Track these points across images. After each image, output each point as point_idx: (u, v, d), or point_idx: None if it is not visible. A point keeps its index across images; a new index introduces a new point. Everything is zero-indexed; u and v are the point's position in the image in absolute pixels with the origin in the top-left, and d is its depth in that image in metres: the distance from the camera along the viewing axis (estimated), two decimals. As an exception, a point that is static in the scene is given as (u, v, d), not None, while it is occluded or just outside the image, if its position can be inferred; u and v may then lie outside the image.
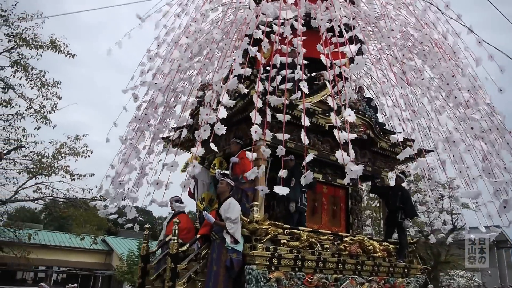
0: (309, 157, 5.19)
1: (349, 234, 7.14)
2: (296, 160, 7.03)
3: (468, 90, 5.77)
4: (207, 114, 5.45)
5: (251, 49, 5.88)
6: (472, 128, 5.56)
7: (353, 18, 6.43)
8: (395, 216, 7.89)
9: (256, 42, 6.16)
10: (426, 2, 6.97)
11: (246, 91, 5.88)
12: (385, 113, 10.21)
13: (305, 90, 5.59)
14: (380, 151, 8.27)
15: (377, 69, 9.19)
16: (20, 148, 14.58)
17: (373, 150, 8.18)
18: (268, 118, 5.53)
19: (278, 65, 5.77)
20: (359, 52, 8.67)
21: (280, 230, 6.22)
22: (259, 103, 5.44)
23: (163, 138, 7.76)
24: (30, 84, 13.14)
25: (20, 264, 18.31)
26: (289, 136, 6.41)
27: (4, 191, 15.68)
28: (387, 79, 8.11)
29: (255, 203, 6.11)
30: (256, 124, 5.24)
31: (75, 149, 16.05)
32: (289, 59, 5.95)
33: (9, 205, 16.78)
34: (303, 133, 5.31)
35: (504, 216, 4.97)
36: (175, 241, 5.79)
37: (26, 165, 15.30)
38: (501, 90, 6.74)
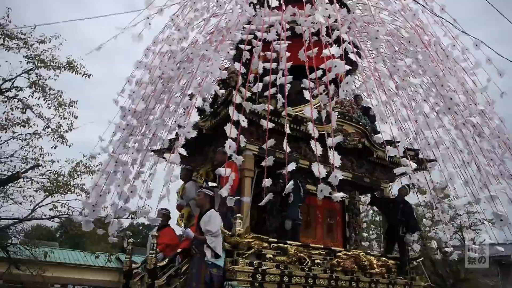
0: (290, 166, 4.93)
1: (342, 249, 6.74)
2: (293, 173, 6.77)
3: (460, 94, 5.41)
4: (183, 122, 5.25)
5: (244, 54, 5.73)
6: (471, 131, 5.18)
7: (341, 24, 6.18)
8: (396, 230, 7.46)
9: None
10: (420, 5, 6.70)
11: (222, 91, 5.68)
12: (386, 122, 9.89)
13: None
14: (378, 161, 7.89)
15: (374, 77, 8.90)
16: (37, 166, 14.76)
17: (371, 160, 7.81)
18: (244, 124, 5.29)
19: (260, 71, 5.57)
20: (354, 64, 8.53)
21: (266, 244, 5.90)
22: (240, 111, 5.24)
23: (153, 151, 7.62)
24: (48, 104, 13.40)
25: (36, 282, 18.33)
26: (273, 143, 6.19)
27: (21, 209, 15.84)
28: (381, 86, 7.79)
29: (238, 215, 5.81)
30: (231, 138, 4.98)
31: (90, 167, 16.16)
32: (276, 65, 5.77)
33: (26, 223, 16.94)
34: (285, 141, 5.06)
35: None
36: (153, 255, 5.55)
37: (43, 184, 15.46)
38: (503, 93, 6.37)
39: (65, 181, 15.97)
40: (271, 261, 5.86)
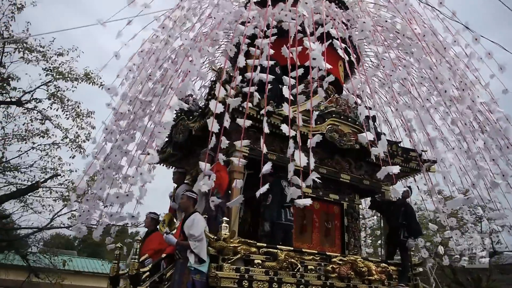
0: (266, 166, 4.69)
1: (338, 254, 6.41)
2: (280, 174, 6.52)
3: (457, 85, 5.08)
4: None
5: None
6: (466, 124, 4.87)
7: (331, 18, 5.94)
8: (397, 234, 7.11)
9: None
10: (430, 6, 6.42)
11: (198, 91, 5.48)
12: (390, 124, 9.56)
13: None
14: (378, 162, 7.52)
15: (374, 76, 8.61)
16: (56, 176, 14.97)
17: (370, 161, 7.46)
18: (226, 124, 5.09)
19: (239, 66, 5.37)
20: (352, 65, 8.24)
21: (254, 249, 5.64)
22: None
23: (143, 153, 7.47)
24: (66, 115, 13.66)
25: (55, 290, 18.50)
26: (248, 143, 5.96)
27: (41, 219, 16.02)
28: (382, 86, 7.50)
29: (225, 219, 5.57)
30: (213, 132, 4.79)
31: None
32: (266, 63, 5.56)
33: (45, 232, 17.15)
34: (262, 140, 4.83)
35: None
36: (135, 261, 5.37)
37: (61, 193, 15.64)
38: (506, 90, 6.03)
39: (83, 190, 16.16)
40: (260, 267, 5.59)
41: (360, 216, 8.78)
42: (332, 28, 5.54)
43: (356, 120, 7.09)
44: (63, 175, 15.02)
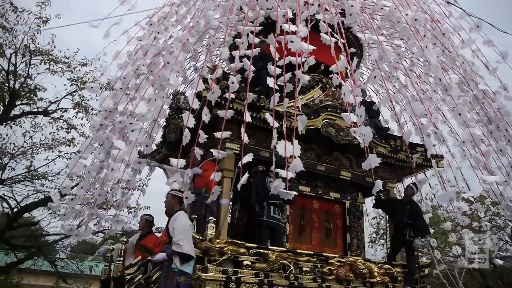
0: (247, 158, 4.45)
1: (336, 255, 6.08)
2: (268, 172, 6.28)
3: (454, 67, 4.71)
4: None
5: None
6: (459, 114, 4.51)
7: (318, 4, 5.65)
8: (402, 234, 6.70)
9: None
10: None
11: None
12: (397, 120, 9.14)
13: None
14: (382, 158, 7.14)
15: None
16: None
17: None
18: (206, 118, 4.89)
19: (223, 57, 5.17)
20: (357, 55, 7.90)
21: (243, 250, 5.39)
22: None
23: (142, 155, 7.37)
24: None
25: (83, 295, 18.80)
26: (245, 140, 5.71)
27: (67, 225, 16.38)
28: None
29: (211, 218, 5.35)
30: (187, 127, 4.60)
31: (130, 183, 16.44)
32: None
33: (72, 238, 17.48)
34: (242, 130, 4.61)
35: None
36: (119, 262, 5.21)
37: (87, 200, 15.90)
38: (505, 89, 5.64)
39: (107, 197, 16.40)
40: (249, 268, 5.34)
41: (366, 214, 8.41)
42: (319, 13, 5.26)
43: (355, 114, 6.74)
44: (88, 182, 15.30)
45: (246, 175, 4.47)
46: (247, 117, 4.79)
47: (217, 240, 5.21)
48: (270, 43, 5.21)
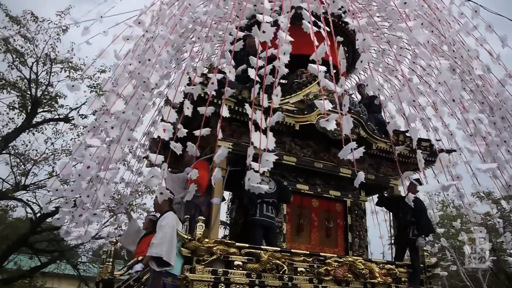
0: (220, 152, 4.26)
1: (334, 255, 5.84)
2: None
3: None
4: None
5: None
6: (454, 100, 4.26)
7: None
8: (405, 233, 6.41)
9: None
10: None
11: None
12: (404, 114, 8.82)
13: (232, 77, 4.73)
14: (383, 154, 6.89)
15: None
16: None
17: (374, 153, 6.82)
18: (188, 112, 4.78)
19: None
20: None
21: (233, 250, 5.22)
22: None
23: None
24: None
25: (105, 299, 19.09)
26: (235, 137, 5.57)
27: (89, 229, 16.62)
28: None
29: (200, 217, 5.22)
30: (168, 122, 4.49)
31: (150, 187, 16.57)
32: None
33: (94, 242, 17.78)
34: (219, 125, 4.47)
35: None
36: (109, 264, 5.13)
37: (108, 204, 16.10)
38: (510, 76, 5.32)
39: (128, 201, 16.57)
40: (241, 269, 5.17)
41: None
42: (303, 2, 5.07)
43: (352, 108, 6.50)
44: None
45: (216, 172, 4.29)
46: (225, 112, 4.65)
47: (206, 240, 5.06)
48: (255, 36, 5.06)
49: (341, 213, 6.91)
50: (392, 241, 6.77)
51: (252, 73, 4.53)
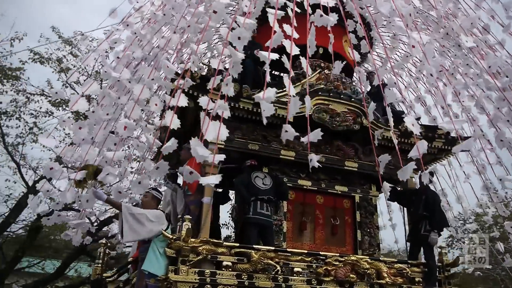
0: (168, 144, 4.00)
1: (335, 254, 5.42)
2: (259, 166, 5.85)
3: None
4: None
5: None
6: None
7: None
8: (418, 228, 5.88)
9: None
10: None
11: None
12: (424, 103, 8.21)
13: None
14: (391, 144, 6.36)
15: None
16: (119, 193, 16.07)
17: (381, 144, 6.31)
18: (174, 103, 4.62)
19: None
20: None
21: (222, 249, 4.98)
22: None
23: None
24: None
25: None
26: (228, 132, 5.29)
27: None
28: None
29: (187, 216, 5.01)
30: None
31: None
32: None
33: (115, 239, 18.50)
34: (202, 114, 4.23)
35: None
36: (98, 265, 5.05)
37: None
38: None
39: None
40: (230, 269, 4.91)
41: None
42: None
43: (352, 97, 6.08)
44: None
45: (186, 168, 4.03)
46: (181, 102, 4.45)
47: (192, 240, 4.85)
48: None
49: (349, 209, 6.47)
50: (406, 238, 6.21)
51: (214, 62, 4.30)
